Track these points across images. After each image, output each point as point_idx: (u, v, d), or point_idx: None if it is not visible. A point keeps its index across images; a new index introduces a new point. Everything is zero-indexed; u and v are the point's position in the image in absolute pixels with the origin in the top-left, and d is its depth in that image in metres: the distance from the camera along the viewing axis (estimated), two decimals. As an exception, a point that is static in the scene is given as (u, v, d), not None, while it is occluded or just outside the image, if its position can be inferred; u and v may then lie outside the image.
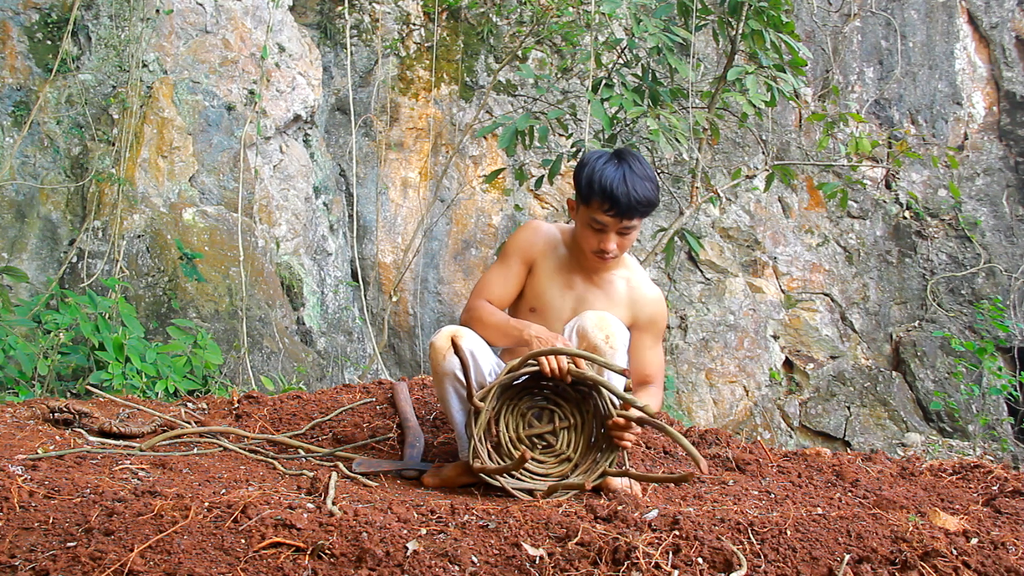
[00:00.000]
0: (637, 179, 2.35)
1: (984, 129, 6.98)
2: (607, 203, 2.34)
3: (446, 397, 2.46)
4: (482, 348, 2.42)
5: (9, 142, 4.98)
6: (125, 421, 2.76)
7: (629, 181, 2.34)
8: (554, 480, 2.26)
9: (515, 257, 2.54)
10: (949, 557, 1.62)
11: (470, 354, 2.37)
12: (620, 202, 2.33)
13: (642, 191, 2.34)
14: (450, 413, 2.49)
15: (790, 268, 6.68)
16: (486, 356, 2.42)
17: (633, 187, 2.33)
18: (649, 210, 2.41)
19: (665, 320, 2.63)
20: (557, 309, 2.52)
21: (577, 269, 2.54)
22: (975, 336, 6.50)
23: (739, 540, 1.65)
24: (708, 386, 6.42)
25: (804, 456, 2.85)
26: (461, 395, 2.44)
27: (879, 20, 6.95)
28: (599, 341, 2.27)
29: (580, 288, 2.53)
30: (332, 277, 5.91)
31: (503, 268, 2.54)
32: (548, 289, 2.52)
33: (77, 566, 1.47)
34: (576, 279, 2.53)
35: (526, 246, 2.53)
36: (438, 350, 2.38)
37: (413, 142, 6.25)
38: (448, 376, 2.40)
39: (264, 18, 5.54)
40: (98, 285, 4.76)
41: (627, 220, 2.37)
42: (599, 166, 2.38)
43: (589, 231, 2.42)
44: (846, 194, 4.71)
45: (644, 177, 2.37)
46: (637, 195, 2.33)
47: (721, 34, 4.47)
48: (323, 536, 1.60)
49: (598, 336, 2.26)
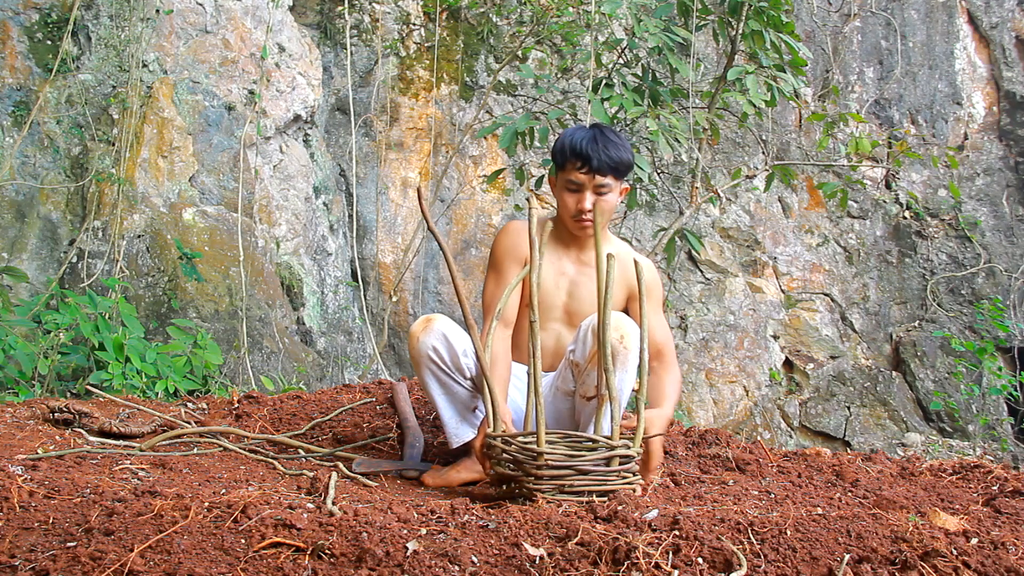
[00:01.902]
0: (608, 140, 2.46)
1: (984, 129, 6.98)
2: (579, 160, 2.45)
3: (426, 381, 2.49)
4: (456, 331, 2.45)
5: (9, 142, 4.98)
6: (125, 421, 2.76)
7: (600, 140, 2.45)
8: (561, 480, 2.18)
9: (506, 262, 2.55)
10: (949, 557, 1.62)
11: (442, 335, 2.42)
12: (591, 158, 2.43)
13: (613, 149, 2.44)
14: (431, 396, 2.52)
15: (790, 268, 6.68)
16: (460, 338, 2.45)
17: (604, 145, 2.44)
18: (622, 168, 2.48)
19: (660, 286, 2.66)
20: (552, 296, 2.56)
21: (565, 255, 2.58)
22: (975, 336, 6.50)
23: (739, 540, 1.65)
24: (708, 386, 6.42)
25: (804, 456, 2.86)
26: (440, 378, 2.47)
27: (879, 20, 6.95)
28: (613, 341, 2.28)
29: (572, 273, 2.57)
30: (332, 277, 5.91)
31: (500, 277, 2.55)
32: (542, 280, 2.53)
33: (77, 566, 1.47)
34: (566, 264, 2.58)
35: (512, 247, 2.55)
36: (413, 334, 2.45)
37: (413, 142, 6.25)
38: (424, 358, 2.44)
39: (264, 18, 5.54)
40: (98, 285, 4.76)
41: (600, 176, 2.45)
42: (570, 132, 2.51)
43: (566, 194, 2.50)
44: (846, 194, 4.71)
45: (615, 139, 2.47)
46: (608, 151, 2.43)
47: (721, 34, 4.47)
48: (323, 536, 1.60)
49: (612, 336, 2.27)
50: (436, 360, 2.44)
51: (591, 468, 2.09)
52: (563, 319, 2.57)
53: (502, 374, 2.46)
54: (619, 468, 2.10)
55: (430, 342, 2.43)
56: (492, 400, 2.22)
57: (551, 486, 2.06)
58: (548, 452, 2.06)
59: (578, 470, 2.08)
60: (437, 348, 2.43)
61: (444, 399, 2.50)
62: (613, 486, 2.09)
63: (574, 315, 2.56)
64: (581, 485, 2.07)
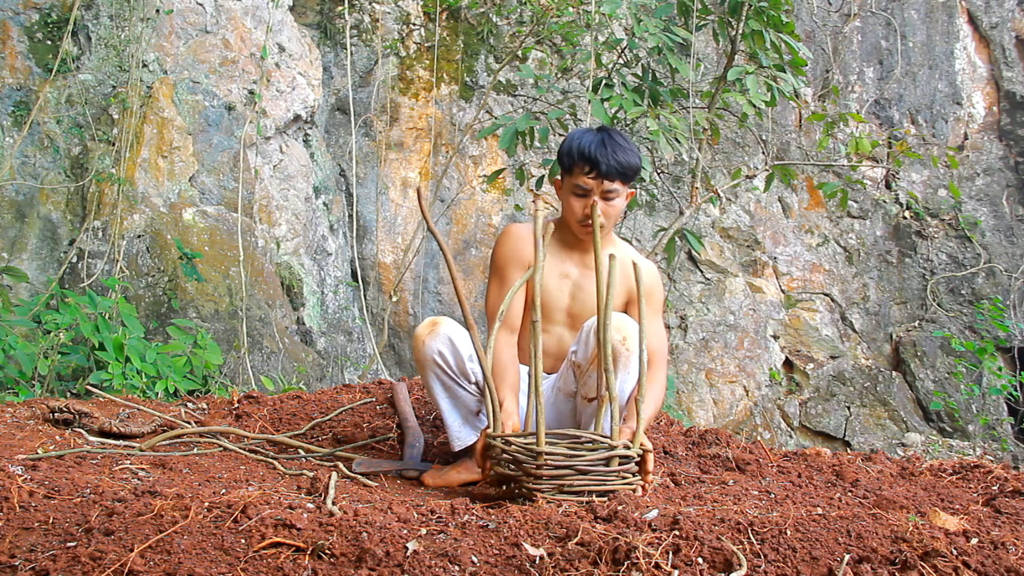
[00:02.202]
0: (616, 144, 2.42)
1: (984, 129, 6.98)
2: (587, 165, 2.41)
3: (430, 384, 2.49)
4: (462, 336, 2.45)
5: (9, 142, 4.98)
6: (125, 421, 2.76)
7: (608, 145, 2.41)
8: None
9: (509, 267, 2.53)
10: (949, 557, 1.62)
11: (448, 340, 2.43)
12: (600, 163, 2.40)
13: (622, 154, 2.41)
14: (435, 399, 2.52)
15: (790, 268, 6.68)
16: (465, 343, 2.45)
17: (612, 150, 2.40)
18: (630, 174, 2.45)
19: (661, 292, 2.63)
20: (555, 299, 2.54)
21: (568, 257, 2.56)
22: (975, 336, 6.50)
23: (739, 540, 1.65)
24: (708, 386, 6.42)
25: (804, 456, 2.85)
26: (445, 383, 2.47)
27: (879, 20, 6.95)
28: (615, 343, 2.27)
29: (575, 275, 2.56)
30: (332, 277, 5.91)
31: (503, 283, 2.52)
32: (545, 284, 2.52)
33: (77, 566, 1.47)
34: (569, 266, 2.56)
35: (514, 251, 2.53)
36: (418, 336, 2.45)
37: (413, 142, 6.25)
38: (429, 363, 2.44)
39: (264, 18, 5.54)
40: (98, 285, 4.76)
41: (608, 182, 2.42)
42: (578, 135, 2.47)
43: (573, 199, 2.47)
44: (846, 194, 4.71)
45: (624, 144, 2.44)
46: (616, 156, 2.40)
47: (721, 34, 4.47)
48: (323, 536, 1.60)
49: (614, 337, 2.26)
50: (441, 365, 2.44)
51: (591, 468, 2.08)
52: (566, 322, 2.56)
53: (512, 382, 2.45)
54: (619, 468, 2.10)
55: (436, 346, 2.43)
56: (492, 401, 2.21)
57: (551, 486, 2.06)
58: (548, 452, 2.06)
59: (578, 470, 2.07)
60: (443, 352, 2.43)
61: (448, 403, 2.50)
62: (613, 486, 2.09)
63: (577, 317, 2.54)
64: (581, 485, 2.07)
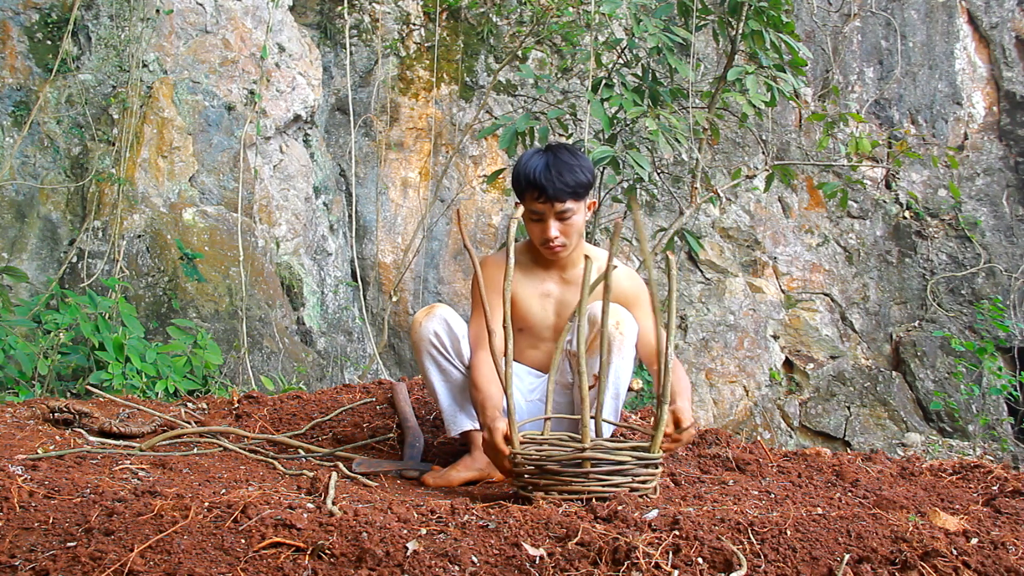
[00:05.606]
0: (562, 163, 2.42)
1: (984, 129, 6.98)
2: (535, 191, 2.43)
3: (425, 366, 2.52)
4: (457, 319, 2.50)
5: (9, 142, 4.98)
6: (125, 421, 2.76)
7: (553, 167, 2.41)
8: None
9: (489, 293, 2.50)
10: (949, 557, 1.62)
11: (444, 321, 2.48)
12: (546, 188, 2.41)
13: (568, 174, 2.41)
14: (429, 381, 2.55)
15: (790, 268, 6.68)
16: (460, 325, 2.50)
17: (558, 172, 2.41)
18: (581, 191, 2.45)
19: (646, 291, 2.60)
20: (540, 319, 2.57)
21: (547, 276, 2.58)
22: (975, 336, 6.50)
23: (739, 540, 1.65)
24: (708, 386, 6.42)
25: (804, 456, 2.85)
26: (439, 363, 2.51)
27: (879, 20, 6.95)
28: (610, 327, 2.29)
29: (557, 292, 2.58)
30: (332, 277, 5.91)
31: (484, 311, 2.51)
32: (528, 306, 2.56)
33: (77, 566, 1.47)
34: (550, 285, 2.58)
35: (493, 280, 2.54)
36: (416, 320, 2.51)
37: (413, 142, 6.25)
38: (424, 342, 2.49)
39: (264, 18, 5.54)
40: (98, 285, 4.76)
41: (559, 203, 2.43)
42: (525, 159, 2.49)
43: (531, 224, 2.50)
44: (846, 194, 4.71)
45: (569, 162, 2.44)
46: (563, 178, 2.40)
47: (721, 34, 4.47)
48: (323, 536, 1.60)
49: (608, 323, 2.27)
50: (436, 344, 2.49)
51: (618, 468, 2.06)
52: (553, 338, 2.58)
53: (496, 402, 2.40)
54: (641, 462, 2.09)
55: (432, 326, 2.49)
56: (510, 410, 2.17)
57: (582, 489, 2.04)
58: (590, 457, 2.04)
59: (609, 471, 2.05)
60: (438, 332, 2.49)
61: (443, 385, 2.53)
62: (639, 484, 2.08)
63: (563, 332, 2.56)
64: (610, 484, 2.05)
